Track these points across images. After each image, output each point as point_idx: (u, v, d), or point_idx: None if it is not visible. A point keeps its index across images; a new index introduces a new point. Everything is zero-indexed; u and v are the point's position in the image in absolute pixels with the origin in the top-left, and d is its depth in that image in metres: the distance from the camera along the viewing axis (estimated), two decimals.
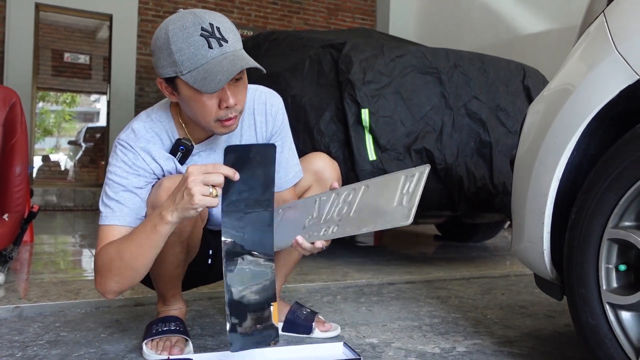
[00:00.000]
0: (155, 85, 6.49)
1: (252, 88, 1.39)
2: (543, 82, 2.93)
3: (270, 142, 1.42)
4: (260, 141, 1.40)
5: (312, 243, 1.16)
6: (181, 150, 1.28)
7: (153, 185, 1.27)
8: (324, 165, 1.51)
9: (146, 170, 1.26)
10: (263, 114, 1.39)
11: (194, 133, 1.30)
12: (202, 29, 1.11)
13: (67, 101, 10.04)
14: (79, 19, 7.03)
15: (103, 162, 7.09)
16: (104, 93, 6.80)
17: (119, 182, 1.23)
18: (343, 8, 7.58)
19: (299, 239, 1.17)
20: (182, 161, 1.29)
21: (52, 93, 9.41)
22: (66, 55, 7.65)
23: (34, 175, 6.91)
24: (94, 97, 9.94)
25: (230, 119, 1.20)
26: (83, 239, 3.49)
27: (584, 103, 1.08)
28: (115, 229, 1.21)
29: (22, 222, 2.43)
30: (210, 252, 1.46)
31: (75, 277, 2.27)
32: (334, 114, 2.54)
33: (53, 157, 9.56)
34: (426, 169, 1.02)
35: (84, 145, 8.80)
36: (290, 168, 1.45)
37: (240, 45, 1.18)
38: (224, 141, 1.34)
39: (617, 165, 1.01)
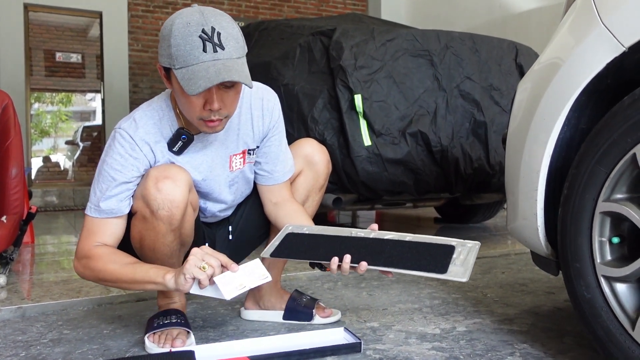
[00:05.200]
0: (149, 82, 6.50)
1: None
2: (536, 59, 2.91)
3: (267, 137, 1.44)
4: (257, 135, 1.42)
5: (353, 268, 1.17)
6: (182, 140, 1.29)
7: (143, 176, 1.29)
8: (313, 149, 1.53)
9: (142, 162, 1.28)
10: (260, 109, 1.41)
11: (190, 124, 1.31)
12: (203, 31, 1.13)
13: (63, 101, 10.01)
14: (69, 17, 6.99)
15: None
16: (99, 91, 6.78)
17: (112, 176, 1.26)
18: None
19: (345, 258, 1.16)
20: (180, 151, 1.30)
21: (46, 94, 9.38)
22: (58, 54, 7.60)
23: (33, 176, 6.91)
24: (89, 95, 9.89)
25: (213, 120, 1.22)
26: None
27: (572, 77, 1.08)
28: (100, 223, 1.28)
29: (21, 224, 2.44)
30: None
31: (77, 275, 2.28)
32: (327, 101, 2.53)
33: (52, 158, 9.55)
34: (477, 245, 1.17)
35: (81, 144, 8.79)
36: (286, 162, 1.48)
37: (239, 54, 1.18)
38: (221, 135, 1.36)
39: (606, 139, 1.01)
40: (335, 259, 1.16)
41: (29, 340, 1.46)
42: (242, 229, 1.54)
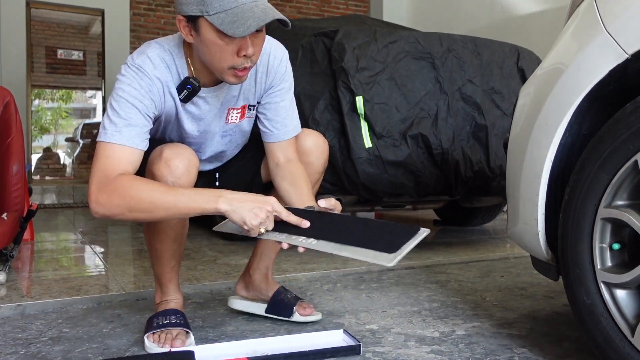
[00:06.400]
0: None
1: None
2: (537, 63, 2.92)
3: (268, 92, 1.41)
4: (259, 92, 1.40)
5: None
6: (187, 89, 1.27)
7: (154, 150, 1.27)
8: (312, 145, 1.50)
9: (155, 98, 1.24)
10: (265, 65, 1.38)
11: (201, 76, 1.29)
12: None
13: (63, 98, 10.00)
14: (70, 14, 6.99)
15: None
16: (99, 89, 6.78)
17: (132, 102, 1.20)
18: None
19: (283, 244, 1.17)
20: (186, 100, 1.29)
21: (47, 90, 9.38)
22: (60, 51, 7.60)
23: (32, 172, 6.91)
24: (89, 93, 9.88)
25: (245, 68, 1.20)
26: (84, 236, 3.50)
27: (575, 83, 1.08)
28: (121, 150, 1.17)
29: (21, 221, 2.44)
30: (218, 175, 1.51)
31: (77, 273, 2.28)
32: (328, 103, 2.54)
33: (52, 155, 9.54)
34: (425, 232, 1.14)
35: (81, 141, 8.79)
36: (288, 120, 1.44)
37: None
38: (227, 90, 1.35)
39: (608, 145, 1.01)
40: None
41: (29, 338, 1.46)
42: (229, 181, 1.53)
